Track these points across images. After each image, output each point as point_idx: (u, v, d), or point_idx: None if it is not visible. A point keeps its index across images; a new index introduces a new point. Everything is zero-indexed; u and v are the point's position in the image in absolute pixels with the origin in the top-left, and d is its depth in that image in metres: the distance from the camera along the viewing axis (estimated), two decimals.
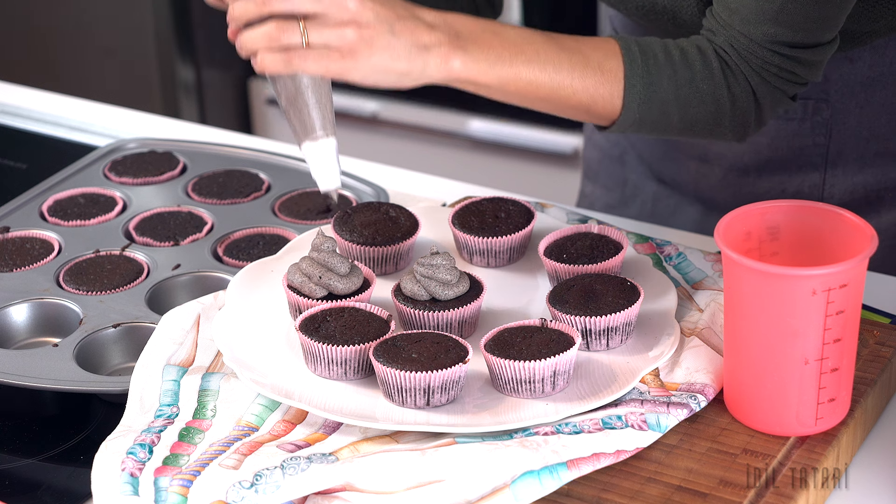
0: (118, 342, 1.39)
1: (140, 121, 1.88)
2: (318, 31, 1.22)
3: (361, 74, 1.24)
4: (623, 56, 1.35)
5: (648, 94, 1.35)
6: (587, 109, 1.36)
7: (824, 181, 1.60)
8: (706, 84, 1.37)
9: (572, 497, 1.17)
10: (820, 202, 1.26)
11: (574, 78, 1.33)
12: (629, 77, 1.35)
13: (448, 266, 1.32)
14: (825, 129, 1.57)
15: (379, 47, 1.23)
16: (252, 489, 1.15)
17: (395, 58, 1.24)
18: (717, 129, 1.40)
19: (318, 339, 1.27)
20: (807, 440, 1.22)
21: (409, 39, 1.24)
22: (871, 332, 1.33)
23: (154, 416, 1.25)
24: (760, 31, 1.35)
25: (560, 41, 1.33)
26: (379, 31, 1.23)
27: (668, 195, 1.70)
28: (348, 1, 1.22)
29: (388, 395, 1.25)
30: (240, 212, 1.59)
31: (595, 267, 1.36)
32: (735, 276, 1.20)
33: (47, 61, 3.36)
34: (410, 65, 1.25)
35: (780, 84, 1.39)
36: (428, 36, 1.26)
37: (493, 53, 1.29)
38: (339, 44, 1.22)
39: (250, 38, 1.23)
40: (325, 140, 1.25)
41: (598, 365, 1.29)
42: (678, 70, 1.36)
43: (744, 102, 1.38)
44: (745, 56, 1.37)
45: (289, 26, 1.21)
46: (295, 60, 1.22)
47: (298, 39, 1.21)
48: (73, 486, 1.26)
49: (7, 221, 1.58)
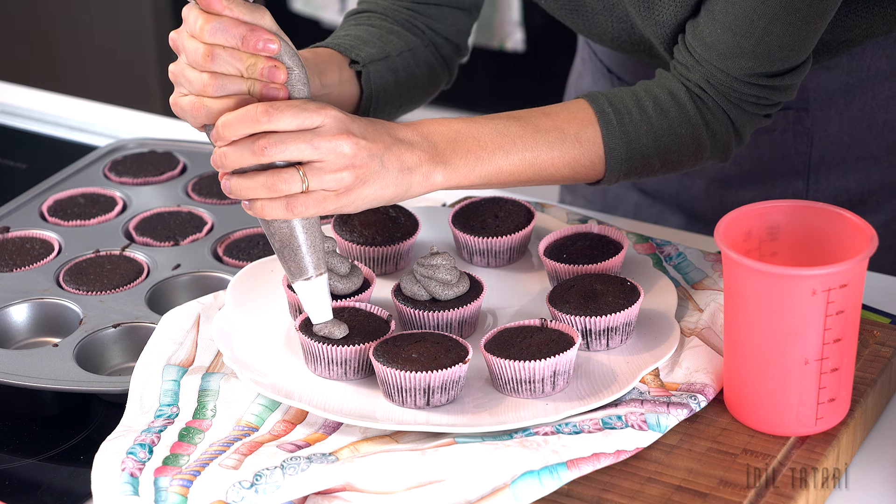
0: (118, 342, 1.39)
1: (140, 121, 1.88)
2: (318, 177, 1.22)
3: (354, 207, 1.25)
4: (599, 121, 1.35)
5: (629, 152, 1.36)
6: (572, 179, 1.37)
7: (807, 188, 1.60)
8: (684, 129, 1.37)
9: (572, 497, 1.17)
10: (819, 202, 1.26)
11: (554, 157, 1.34)
12: (608, 142, 1.35)
13: (448, 266, 1.32)
14: (807, 137, 1.57)
15: (370, 181, 1.24)
16: (252, 489, 1.15)
17: (384, 187, 1.25)
18: (699, 162, 1.41)
19: (318, 339, 1.27)
20: (807, 440, 1.22)
21: (395, 166, 1.26)
22: (871, 332, 1.33)
23: (154, 416, 1.25)
24: (738, 66, 1.35)
25: (535, 122, 1.34)
26: (371, 168, 1.24)
27: (650, 204, 1.70)
28: (343, 145, 1.22)
29: (388, 395, 1.25)
30: (240, 212, 1.59)
31: (595, 267, 1.36)
32: (735, 276, 1.20)
33: (48, 61, 3.36)
34: (397, 190, 1.26)
35: (757, 110, 1.39)
36: (410, 156, 1.27)
37: (471, 157, 1.30)
38: (337, 187, 1.23)
39: (247, 186, 1.22)
40: (318, 279, 1.27)
41: (598, 365, 1.29)
42: (654, 122, 1.36)
43: (723, 134, 1.39)
44: (722, 91, 1.37)
45: (289, 176, 1.21)
46: (297, 207, 1.22)
47: (300, 187, 1.22)
48: (73, 486, 1.26)
49: (7, 221, 1.58)
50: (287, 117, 1.20)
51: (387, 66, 1.44)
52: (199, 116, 1.23)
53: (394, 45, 1.45)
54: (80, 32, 3.29)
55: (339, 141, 1.22)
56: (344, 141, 1.22)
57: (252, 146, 1.21)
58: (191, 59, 1.22)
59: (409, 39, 1.47)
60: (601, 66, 1.68)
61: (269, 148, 1.20)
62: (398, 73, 1.45)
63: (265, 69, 1.21)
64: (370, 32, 1.46)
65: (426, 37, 1.49)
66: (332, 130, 1.22)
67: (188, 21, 1.22)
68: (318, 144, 1.21)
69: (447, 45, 1.51)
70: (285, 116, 1.20)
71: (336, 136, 1.22)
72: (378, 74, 1.43)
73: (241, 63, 1.21)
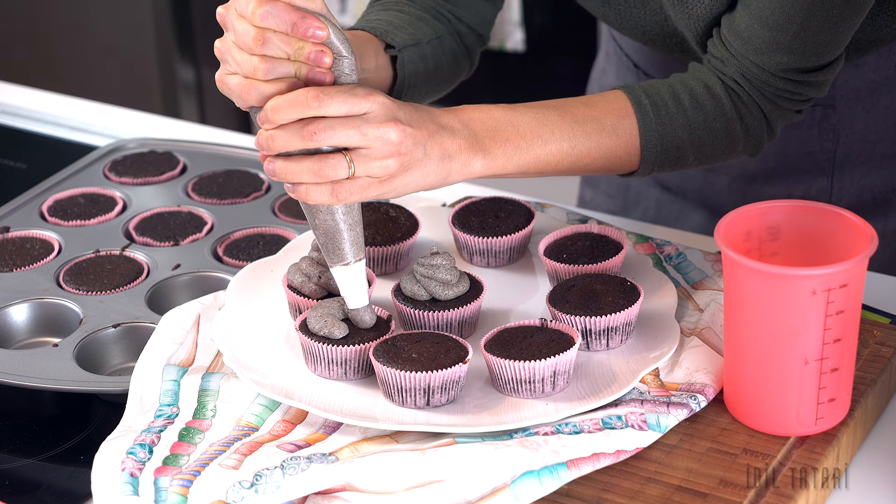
0: (118, 342, 1.39)
1: (140, 121, 1.88)
2: (364, 164, 1.22)
3: (395, 194, 1.26)
4: (635, 113, 1.36)
5: (664, 145, 1.36)
6: (607, 170, 1.37)
7: (832, 185, 1.60)
8: (719, 122, 1.37)
9: (572, 497, 1.17)
10: (819, 202, 1.26)
11: (591, 147, 1.34)
12: (644, 134, 1.36)
13: (448, 266, 1.32)
14: (833, 134, 1.57)
15: (413, 168, 1.25)
16: (252, 489, 1.15)
17: (425, 175, 1.26)
18: (731, 155, 1.41)
19: (317, 339, 1.27)
20: (807, 440, 1.22)
21: (437, 154, 1.26)
22: (871, 332, 1.33)
23: (154, 416, 1.25)
24: (774, 61, 1.35)
25: (572, 112, 1.34)
26: (415, 156, 1.24)
27: (671, 201, 1.70)
28: (390, 132, 1.22)
29: (388, 395, 1.25)
30: (240, 212, 1.59)
31: (595, 267, 1.36)
32: (735, 276, 1.20)
33: (48, 61, 3.36)
34: (437, 177, 1.27)
35: (791, 105, 1.39)
36: (451, 144, 1.27)
37: (510, 146, 1.30)
38: (382, 174, 1.23)
39: (293, 171, 1.22)
40: (357, 264, 1.27)
41: (598, 365, 1.29)
42: (690, 116, 1.37)
43: (756, 128, 1.39)
44: (757, 86, 1.37)
45: (336, 162, 1.22)
46: (342, 193, 1.23)
47: (346, 173, 1.22)
48: (73, 486, 1.26)
49: (7, 221, 1.58)
50: (337, 103, 1.20)
51: (418, 52, 1.44)
52: (248, 98, 1.23)
53: (424, 32, 1.45)
54: (80, 32, 3.29)
55: (386, 128, 1.22)
56: (391, 128, 1.22)
57: (301, 131, 1.21)
58: (240, 40, 1.22)
59: (436, 27, 1.47)
60: (627, 62, 1.68)
61: (319, 133, 1.20)
62: (427, 60, 1.45)
63: (312, 53, 1.21)
64: (400, 18, 1.46)
65: (451, 25, 1.49)
66: (379, 117, 1.22)
67: (238, 1, 1.22)
68: (366, 131, 1.21)
69: (471, 35, 1.51)
70: (335, 102, 1.20)
71: (383, 123, 1.22)
72: (411, 60, 1.43)
73: (289, 47, 1.21)
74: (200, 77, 3.27)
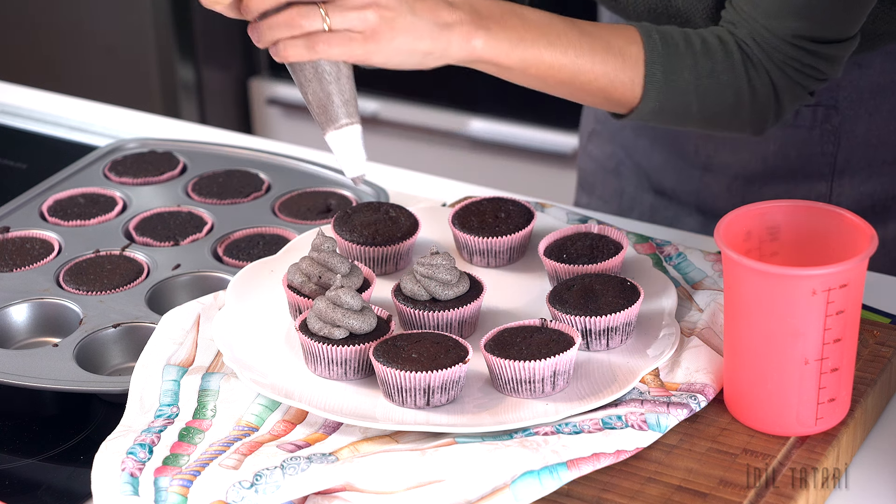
0: (118, 342, 1.39)
1: (140, 121, 1.88)
2: (340, 14, 1.20)
3: (385, 57, 1.23)
4: (644, 43, 1.34)
5: (668, 82, 1.34)
6: (607, 95, 1.35)
7: (831, 190, 1.59)
8: (727, 75, 1.36)
9: (572, 497, 1.17)
10: (819, 202, 1.26)
11: (595, 62, 1.32)
12: (650, 64, 1.34)
13: (448, 266, 1.32)
14: (834, 136, 1.56)
15: (401, 28, 1.22)
16: (252, 489, 1.15)
17: (417, 38, 1.23)
18: (735, 121, 1.39)
19: (317, 339, 1.27)
20: (807, 440, 1.22)
21: (430, 18, 1.23)
22: (871, 332, 1.33)
23: (154, 416, 1.25)
24: (784, 26, 1.34)
25: (581, 26, 1.32)
26: (400, 12, 1.22)
27: (665, 206, 1.69)
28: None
29: (388, 395, 1.25)
30: (240, 212, 1.59)
31: (595, 267, 1.36)
32: (735, 276, 1.20)
33: (48, 61, 3.35)
34: (433, 44, 1.24)
35: (801, 79, 1.38)
36: (449, 14, 1.25)
37: (515, 35, 1.28)
38: (362, 27, 1.21)
39: (269, 26, 1.21)
40: (350, 127, 1.25)
41: (598, 365, 1.29)
42: (699, 60, 1.35)
43: (763, 96, 1.37)
44: (767, 50, 1.36)
45: (309, 11, 1.20)
46: (318, 46, 1.21)
47: (320, 24, 1.20)
48: (73, 486, 1.26)
49: (7, 221, 1.58)
50: None
51: None
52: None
53: None
54: (80, 32, 3.29)
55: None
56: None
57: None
58: None
59: None
60: None
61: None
62: None
63: None
64: None
65: None
66: None
67: None
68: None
69: None
70: None
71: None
72: None
73: None
74: (200, 77, 3.27)
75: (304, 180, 1.64)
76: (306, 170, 1.67)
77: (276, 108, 3.27)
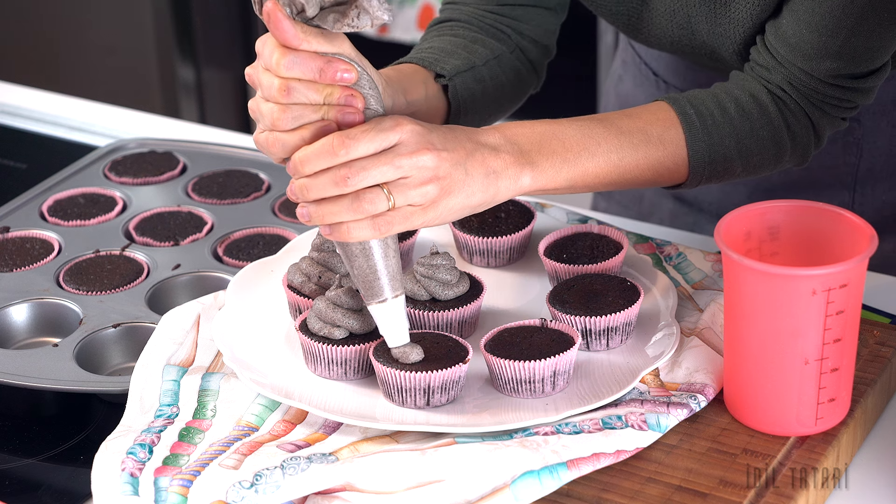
0: (118, 342, 1.39)
1: (140, 121, 1.88)
2: (403, 193, 1.19)
3: (441, 220, 1.23)
4: (681, 123, 1.33)
5: (712, 155, 1.34)
6: (653, 182, 1.35)
7: (853, 200, 1.58)
8: (765, 130, 1.35)
9: (572, 497, 1.17)
10: (819, 202, 1.26)
11: (638, 159, 1.31)
12: (692, 144, 1.33)
13: (448, 266, 1.32)
14: (856, 148, 1.56)
15: (456, 191, 1.22)
16: (252, 489, 1.15)
17: (470, 195, 1.23)
18: (779, 165, 1.39)
19: (318, 339, 1.27)
20: (807, 440, 1.22)
21: (480, 171, 1.23)
22: (871, 332, 1.33)
23: (154, 416, 1.25)
24: (823, 67, 1.33)
25: (618, 123, 1.32)
26: (455, 178, 1.21)
27: (686, 213, 1.68)
28: (425, 158, 1.19)
29: (388, 395, 1.25)
30: (240, 212, 1.59)
31: (595, 267, 1.36)
32: (735, 276, 1.20)
33: (47, 61, 3.36)
34: (484, 196, 1.24)
35: (838, 112, 1.38)
36: (495, 160, 1.24)
37: (558, 159, 1.27)
38: (422, 201, 1.21)
39: (331, 212, 1.19)
40: (393, 301, 1.24)
41: (598, 365, 1.29)
42: (736, 124, 1.34)
43: (803, 136, 1.37)
44: (805, 93, 1.35)
45: (374, 196, 1.19)
46: (383, 226, 1.20)
47: (385, 206, 1.19)
48: (73, 486, 1.26)
49: (7, 221, 1.58)
50: (364, 143, 1.18)
51: (473, 76, 1.41)
52: (275, 152, 1.21)
53: (479, 55, 1.43)
54: (80, 32, 3.29)
55: (419, 156, 1.19)
56: (425, 155, 1.20)
57: (334, 177, 1.18)
58: (266, 93, 1.20)
59: (494, 47, 1.45)
60: (646, 70, 1.66)
61: (353, 177, 1.18)
62: (485, 82, 1.43)
63: (342, 97, 1.19)
64: (454, 43, 1.43)
65: (512, 41, 1.47)
66: (411, 145, 1.19)
67: (262, 55, 1.19)
68: (399, 163, 1.19)
69: (534, 49, 1.48)
70: (362, 143, 1.18)
71: (416, 151, 1.19)
72: (464, 86, 1.40)
73: (317, 94, 1.19)
74: (200, 77, 3.27)
75: None
76: None
77: None
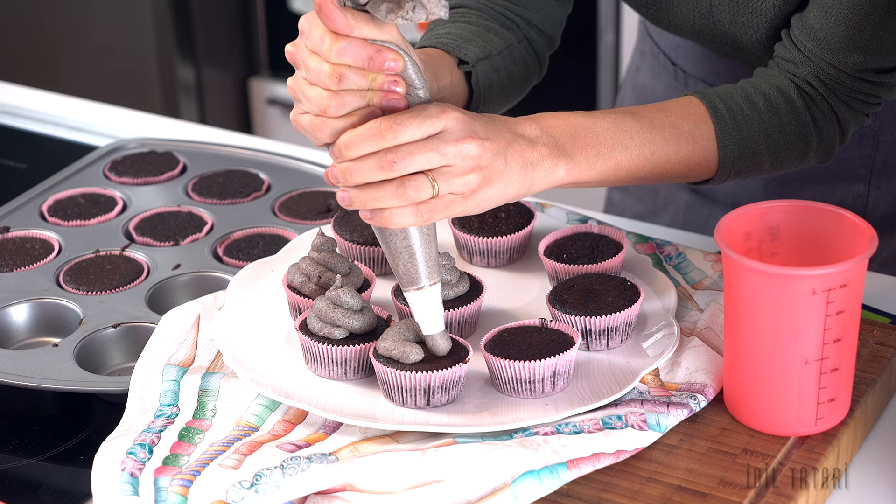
0: (118, 342, 1.39)
1: (140, 121, 1.88)
2: (447, 181, 1.20)
3: (479, 209, 1.23)
4: (712, 118, 1.34)
5: (742, 150, 1.34)
6: (684, 176, 1.35)
7: (868, 192, 1.58)
8: (793, 125, 1.36)
9: (572, 497, 1.17)
10: (819, 202, 1.26)
11: (670, 153, 1.32)
12: (722, 139, 1.34)
13: (448, 266, 1.32)
14: (872, 140, 1.56)
15: (495, 180, 1.22)
16: (252, 489, 1.15)
17: (508, 185, 1.23)
18: (804, 161, 1.39)
19: (318, 339, 1.27)
20: (807, 440, 1.22)
21: (518, 162, 1.23)
22: (871, 332, 1.33)
23: (154, 416, 1.25)
24: (850, 61, 1.34)
25: (650, 118, 1.32)
26: (495, 167, 1.22)
27: (701, 204, 1.68)
28: (469, 147, 1.20)
29: (388, 395, 1.25)
30: (240, 212, 1.59)
31: (595, 267, 1.36)
32: (735, 276, 1.20)
33: (47, 61, 3.36)
34: (521, 187, 1.24)
35: (863, 108, 1.38)
36: (532, 152, 1.24)
37: (592, 152, 1.28)
38: (464, 189, 1.21)
39: (374, 197, 1.19)
40: (430, 289, 1.24)
41: (598, 365, 1.29)
42: (765, 119, 1.35)
43: (829, 131, 1.37)
44: (831, 87, 1.36)
45: (420, 183, 1.19)
46: (426, 213, 1.20)
47: (430, 193, 1.20)
48: (73, 486, 1.26)
49: (7, 221, 1.58)
50: (411, 129, 1.18)
51: (490, 65, 1.42)
52: (321, 136, 1.21)
53: (494, 44, 1.43)
54: (80, 32, 3.29)
55: (464, 144, 1.20)
56: (470, 143, 1.20)
57: (380, 161, 1.18)
58: (313, 77, 1.19)
59: (505, 36, 1.45)
60: (665, 60, 1.66)
61: (399, 162, 1.18)
62: (500, 71, 1.43)
63: (385, 83, 1.19)
64: (469, 30, 1.43)
65: (520, 31, 1.47)
66: (456, 133, 1.20)
67: (310, 36, 1.19)
68: (444, 150, 1.19)
69: (540, 39, 1.48)
70: (409, 129, 1.18)
71: (461, 139, 1.20)
72: (485, 74, 1.41)
73: (364, 81, 1.19)
74: (200, 77, 3.27)
75: (304, 180, 1.64)
76: (306, 170, 1.67)
77: (276, 108, 3.27)
